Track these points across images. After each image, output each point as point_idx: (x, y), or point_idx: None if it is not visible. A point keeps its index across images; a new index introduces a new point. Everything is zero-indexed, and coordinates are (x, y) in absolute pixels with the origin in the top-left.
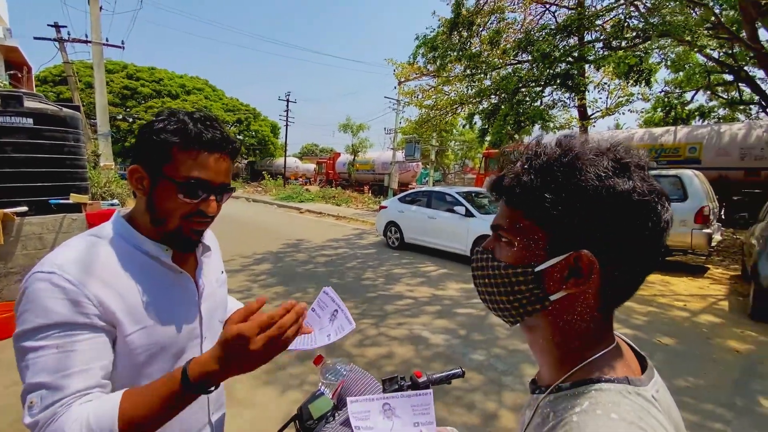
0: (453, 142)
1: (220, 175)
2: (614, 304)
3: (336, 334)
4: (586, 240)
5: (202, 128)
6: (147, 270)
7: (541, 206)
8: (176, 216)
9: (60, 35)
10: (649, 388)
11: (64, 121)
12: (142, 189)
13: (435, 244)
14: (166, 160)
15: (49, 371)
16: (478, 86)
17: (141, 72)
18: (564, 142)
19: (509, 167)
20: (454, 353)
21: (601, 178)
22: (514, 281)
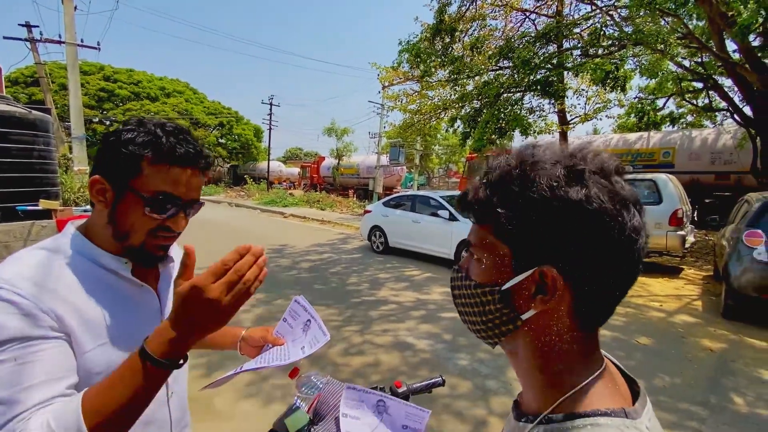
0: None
1: (191, 191)
2: (594, 322)
3: (310, 347)
4: (549, 255)
5: (175, 142)
6: (105, 284)
7: (499, 221)
8: (141, 232)
9: (32, 35)
10: (644, 419)
11: (33, 125)
12: (104, 201)
13: (419, 248)
14: (134, 173)
15: (7, 386)
16: (460, 91)
17: (119, 74)
18: (522, 152)
19: (471, 183)
20: (439, 359)
21: (552, 188)
22: (484, 300)
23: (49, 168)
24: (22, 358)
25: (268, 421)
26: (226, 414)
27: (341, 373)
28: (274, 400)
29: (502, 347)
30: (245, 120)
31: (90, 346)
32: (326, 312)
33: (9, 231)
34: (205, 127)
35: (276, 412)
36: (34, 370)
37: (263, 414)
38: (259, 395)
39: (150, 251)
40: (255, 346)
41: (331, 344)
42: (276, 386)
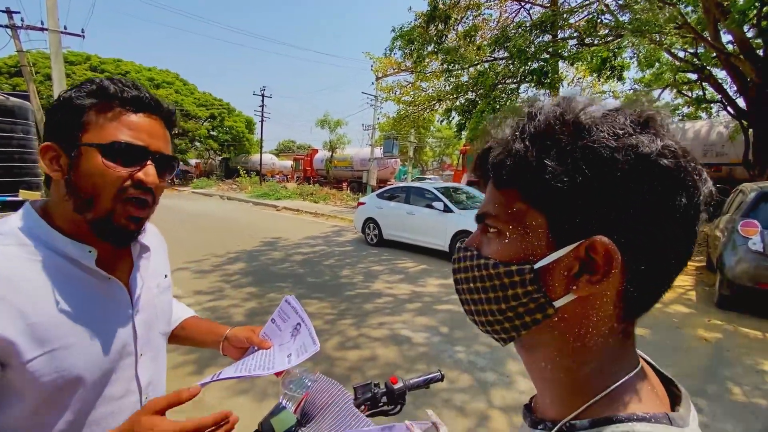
0: (431, 138)
1: (155, 139)
2: (639, 310)
3: (297, 356)
4: (601, 223)
5: (123, 86)
6: (63, 276)
7: (540, 180)
8: (107, 193)
9: (12, 21)
10: (692, 426)
11: (12, 112)
12: (60, 170)
13: (414, 240)
14: (83, 126)
15: None
16: (455, 82)
17: (106, 64)
18: (566, 99)
19: (496, 138)
20: (436, 352)
21: (618, 137)
22: (507, 283)
23: (30, 157)
24: None
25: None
26: (217, 410)
27: (337, 368)
28: (268, 397)
29: (515, 345)
30: (237, 112)
31: (34, 353)
32: (320, 305)
33: None
34: (195, 119)
35: (269, 409)
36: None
37: (256, 410)
38: (251, 391)
39: (120, 225)
40: (239, 347)
41: (326, 338)
42: (270, 382)
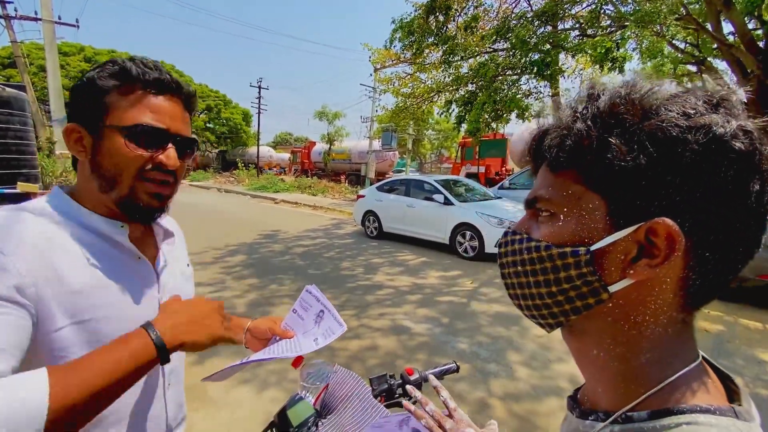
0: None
1: (175, 122)
2: (701, 300)
3: (324, 338)
4: (665, 206)
5: (144, 68)
6: (96, 251)
7: (602, 160)
8: (129, 172)
9: (6, 12)
10: (757, 423)
11: (8, 103)
12: (84, 150)
13: (414, 232)
14: (105, 108)
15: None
16: (455, 73)
17: (100, 55)
18: (632, 80)
19: (553, 122)
20: (438, 342)
21: (688, 116)
22: (560, 265)
23: (27, 149)
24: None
25: (263, 407)
26: (219, 401)
27: (339, 358)
28: (269, 387)
29: (562, 331)
30: (233, 104)
31: (63, 322)
32: None
33: None
34: None
35: (271, 399)
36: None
37: (258, 400)
38: (253, 381)
39: (142, 201)
40: (261, 338)
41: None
42: (271, 371)
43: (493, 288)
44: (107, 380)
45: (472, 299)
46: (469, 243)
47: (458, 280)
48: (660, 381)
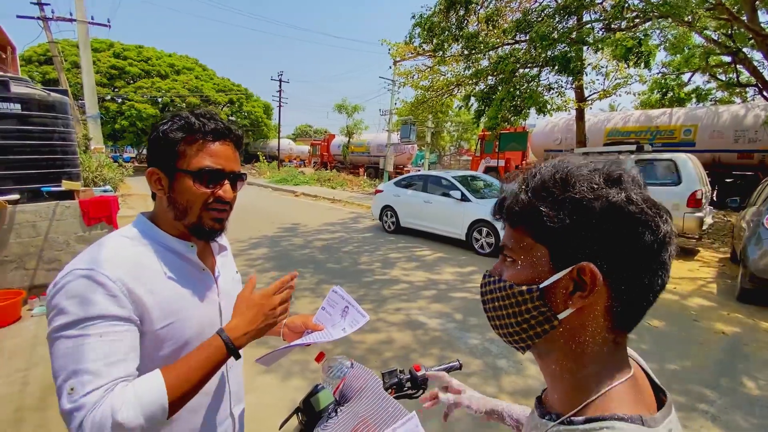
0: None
1: (229, 162)
2: (626, 323)
3: (351, 327)
4: (586, 253)
5: (204, 120)
6: (174, 267)
7: (539, 221)
8: (196, 206)
9: (44, 13)
10: (663, 427)
11: (53, 107)
12: (162, 189)
13: (431, 228)
14: (177, 156)
15: (92, 359)
16: (474, 67)
17: (128, 51)
18: (558, 163)
19: (509, 190)
20: (450, 338)
21: (593, 190)
22: (521, 300)
23: (70, 149)
24: (107, 335)
25: (287, 395)
26: (247, 387)
27: (356, 350)
28: (293, 375)
29: (532, 352)
30: (255, 97)
31: (160, 324)
32: None
33: (36, 211)
34: (215, 105)
35: (295, 387)
36: (115, 347)
37: (283, 388)
38: (278, 370)
39: (207, 225)
40: (296, 332)
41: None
42: (295, 362)
43: None
44: (198, 375)
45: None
46: (485, 239)
47: (473, 277)
48: (597, 392)
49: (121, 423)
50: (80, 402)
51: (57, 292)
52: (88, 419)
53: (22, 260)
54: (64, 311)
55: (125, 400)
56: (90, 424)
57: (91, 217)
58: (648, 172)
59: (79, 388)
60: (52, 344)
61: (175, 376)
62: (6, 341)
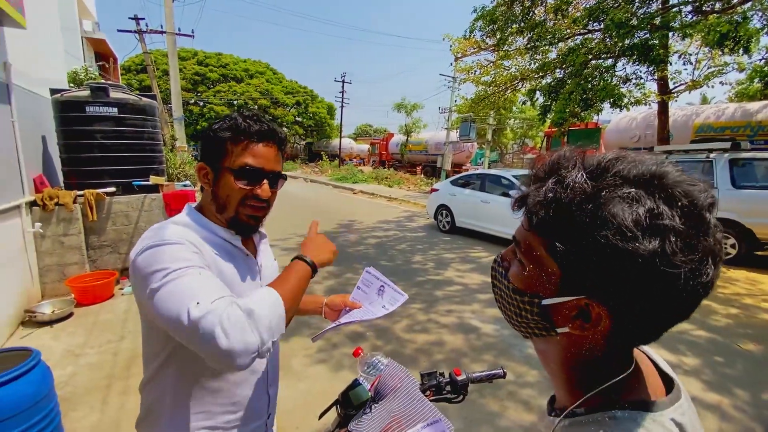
0: (512, 120)
1: (270, 162)
2: (632, 346)
3: (391, 305)
4: (603, 291)
5: (250, 122)
6: (223, 251)
7: (559, 239)
8: (234, 201)
9: (139, 27)
10: (670, 411)
11: (144, 110)
12: (208, 182)
13: (487, 229)
14: (223, 153)
15: (204, 286)
16: (541, 60)
17: (209, 58)
18: (603, 169)
19: (536, 184)
20: (505, 345)
21: (626, 238)
22: (521, 305)
23: (157, 148)
24: (204, 273)
25: (335, 385)
26: (300, 374)
27: (405, 349)
28: (343, 368)
29: (532, 343)
30: (319, 98)
31: None
32: None
33: (128, 202)
34: (283, 106)
35: (343, 379)
36: (215, 281)
37: (333, 378)
38: (329, 361)
39: (243, 220)
40: (336, 310)
41: (395, 320)
42: (345, 355)
43: None
44: (298, 291)
45: None
46: None
47: None
48: (599, 385)
49: (252, 310)
50: (210, 307)
51: (142, 263)
52: (224, 315)
53: (116, 245)
54: (158, 269)
55: (249, 299)
56: (227, 318)
57: (172, 209)
58: (746, 173)
59: (204, 299)
60: (155, 294)
61: (282, 290)
62: (101, 315)
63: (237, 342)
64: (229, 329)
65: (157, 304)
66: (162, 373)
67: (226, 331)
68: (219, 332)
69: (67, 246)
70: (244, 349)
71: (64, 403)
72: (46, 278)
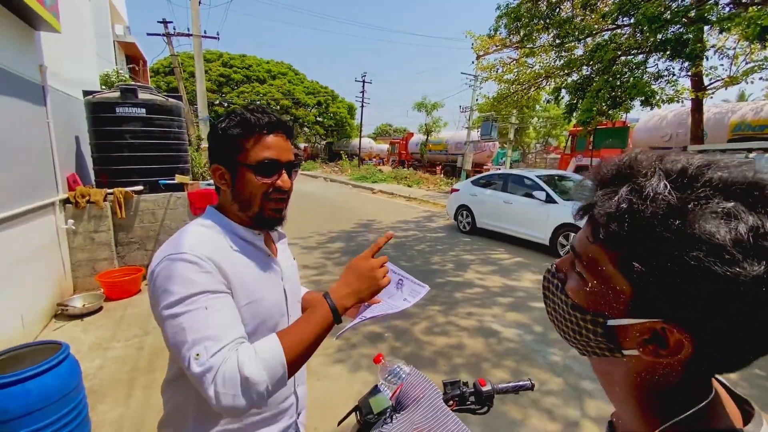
0: (535, 118)
1: (284, 152)
2: (714, 373)
3: (413, 297)
4: (686, 316)
5: (258, 115)
6: (247, 252)
7: (637, 257)
8: (258, 196)
9: (167, 30)
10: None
11: (170, 110)
12: (226, 183)
13: (509, 230)
14: (237, 151)
15: (206, 327)
16: (567, 56)
17: (234, 60)
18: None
19: (607, 189)
20: (527, 350)
21: (724, 261)
22: (582, 324)
23: (182, 148)
24: (212, 307)
25: (354, 386)
26: (319, 374)
27: (424, 351)
28: (361, 368)
29: (590, 361)
30: (340, 98)
31: (242, 302)
32: None
33: (155, 200)
34: (305, 107)
35: (362, 379)
36: (224, 315)
37: (351, 379)
38: (348, 361)
39: (269, 214)
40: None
41: (414, 321)
42: (363, 355)
43: None
44: (310, 337)
45: None
46: None
47: None
48: (675, 415)
49: (248, 377)
50: (208, 364)
51: (157, 278)
52: (219, 376)
53: (143, 242)
54: (169, 291)
55: (249, 357)
56: (221, 380)
57: (196, 207)
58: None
59: (203, 352)
60: (164, 322)
61: (290, 338)
62: (128, 310)
63: (227, 404)
64: (221, 392)
65: (166, 331)
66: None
67: (218, 394)
68: (211, 393)
69: (98, 242)
70: (233, 410)
71: (91, 395)
72: (78, 273)
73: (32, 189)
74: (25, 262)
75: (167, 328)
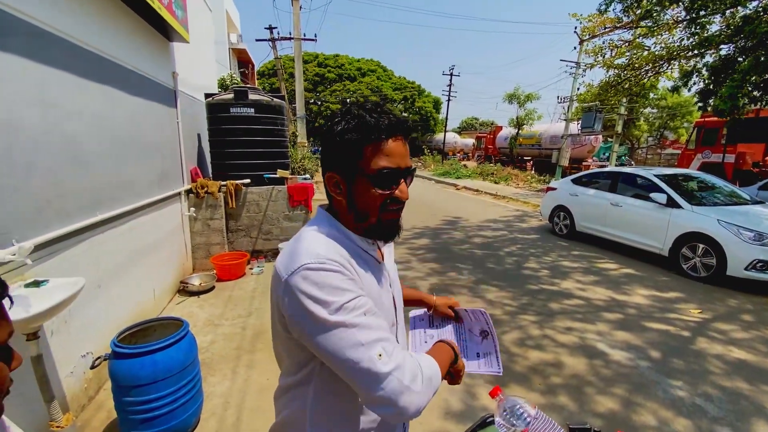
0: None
1: (403, 159)
2: None
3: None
4: None
5: (376, 117)
6: (363, 260)
7: None
8: (375, 208)
9: (272, 35)
10: None
11: (275, 109)
12: (341, 192)
13: (617, 236)
14: (355, 158)
15: (377, 328)
16: (700, 33)
17: (328, 60)
18: None
19: None
20: (643, 380)
21: None
22: None
23: (284, 144)
24: (369, 311)
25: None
26: None
27: (516, 365)
28: None
29: None
30: (426, 93)
31: None
32: (499, 293)
33: (259, 192)
34: (392, 102)
35: (451, 390)
36: (380, 318)
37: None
38: None
39: (387, 226)
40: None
41: (505, 329)
42: None
43: (735, 325)
44: (445, 366)
45: (699, 334)
46: (701, 259)
47: (678, 305)
48: None
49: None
50: (395, 363)
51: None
52: (407, 373)
53: (249, 230)
54: (322, 301)
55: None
56: (410, 377)
57: (294, 200)
58: None
59: (384, 353)
60: (321, 334)
61: (438, 362)
62: (234, 291)
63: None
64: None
65: (323, 342)
66: (303, 388)
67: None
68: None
69: (213, 228)
70: (415, 409)
71: (204, 367)
72: (197, 254)
73: (166, 180)
74: (159, 243)
75: (327, 339)
